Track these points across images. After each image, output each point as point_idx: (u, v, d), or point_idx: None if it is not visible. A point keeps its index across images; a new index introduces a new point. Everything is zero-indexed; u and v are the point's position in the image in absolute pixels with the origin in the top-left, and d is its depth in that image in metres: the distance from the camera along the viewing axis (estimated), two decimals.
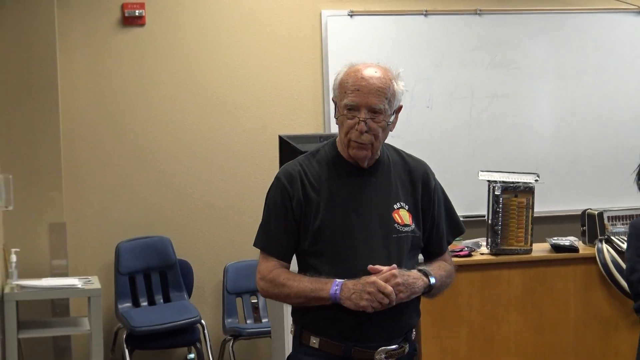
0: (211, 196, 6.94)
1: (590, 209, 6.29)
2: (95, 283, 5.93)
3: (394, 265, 3.09)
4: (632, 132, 7.71)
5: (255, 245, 3.29)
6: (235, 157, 6.91)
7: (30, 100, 6.39)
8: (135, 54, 6.96)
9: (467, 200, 7.32)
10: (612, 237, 5.99)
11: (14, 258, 5.95)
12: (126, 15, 6.91)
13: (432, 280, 3.19)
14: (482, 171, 6.16)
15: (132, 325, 6.24)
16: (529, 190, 5.94)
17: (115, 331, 6.71)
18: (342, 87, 3.16)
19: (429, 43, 7.41)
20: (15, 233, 6.30)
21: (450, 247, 5.90)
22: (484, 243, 6.17)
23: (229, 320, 6.65)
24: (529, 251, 5.98)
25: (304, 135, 5.38)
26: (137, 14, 6.92)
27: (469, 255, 5.98)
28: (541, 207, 6.63)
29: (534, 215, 6.00)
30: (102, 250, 6.83)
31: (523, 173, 6.11)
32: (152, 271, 6.78)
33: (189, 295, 6.83)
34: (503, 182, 5.95)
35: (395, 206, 3.23)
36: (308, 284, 3.12)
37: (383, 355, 3.17)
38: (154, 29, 6.99)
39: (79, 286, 5.81)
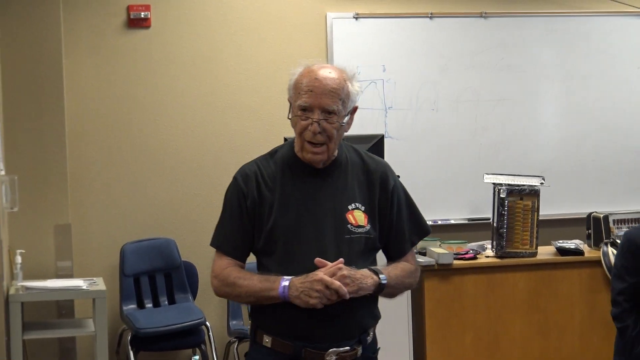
0: (216, 198, 6.91)
1: (596, 212, 6.29)
2: (100, 284, 5.93)
3: (341, 260, 3.08)
4: (638, 135, 7.70)
5: (210, 244, 3.31)
6: (241, 159, 6.80)
7: (36, 102, 6.40)
8: (140, 56, 6.96)
9: (473, 203, 7.32)
10: (618, 240, 5.97)
11: (19, 259, 5.95)
12: (132, 17, 6.91)
13: (383, 278, 3.16)
14: (488, 174, 6.17)
15: (137, 326, 6.23)
16: (534, 193, 5.95)
17: (120, 333, 6.70)
18: (296, 88, 3.17)
19: (435, 46, 7.41)
20: (20, 234, 6.30)
21: (455, 250, 5.98)
22: (489, 246, 6.17)
23: (234, 322, 6.64)
24: (535, 254, 5.99)
25: None
26: (142, 16, 6.92)
27: (474, 258, 5.99)
28: (546, 210, 6.64)
29: (540, 218, 6.00)
30: (107, 252, 6.83)
31: (528, 176, 6.12)
32: (157, 273, 6.77)
33: (194, 297, 6.83)
34: (508, 185, 5.96)
35: (350, 207, 3.22)
36: (257, 283, 3.13)
37: (334, 357, 3.15)
38: (160, 31, 6.99)
39: (84, 287, 5.81)
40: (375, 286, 3.16)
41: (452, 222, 7.39)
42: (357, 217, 3.22)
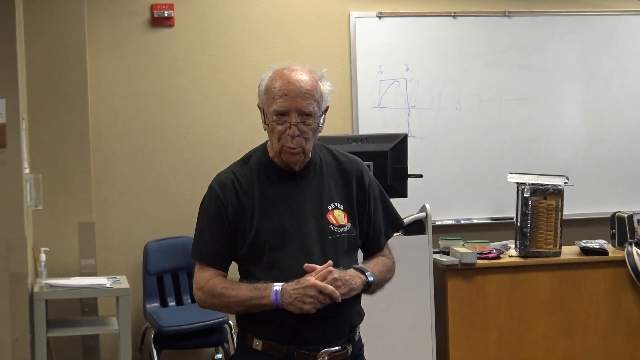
0: None
1: (620, 211, 6.27)
2: (123, 283, 5.95)
3: (330, 262, 3.07)
4: None
5: (191, 255, 3.29)
6: None
7: (60, 101, 6.43)
8: (164, 55, 6.98)
9: (496, 202, 7.30)
10: None
11: (43, 257, 5.98)
12: (155, 16, 6.93)
13: (370, 278, 3.17)
14: (511, 173, 6.15)
15: (160, 325, 6.25)
16: (558, 192, 5.93)
17: (143, 331, 6.72)
18: (268, 93, 3.14)
19: (458, 45, 7.40)
20: (44, 232, 6.33)
21: (479, 249, 5.97)
22: (513, 245, 6.16)
23: None
24: (558, 254, 5.97)
25: (333, 137, 5.37)
26: (166, 14, 6.94)
27: (498, 257, 5.98)
28: (570, 210, 6.62)
29: (563, 217, 5.98)
30: (130, 250, 6.85)
31: (552, 175, 6.10)
32: (180, 271, 6.79)
33: None
34: (532, 184, 5.94)
35: (329, 207, 3.21)
36: (247, 292, 3.10)
37: (326, 357, 3.15)
38: (183, 29, 7.01)
39: (108, 286, 5.83)
40: (364, 285, 3.16)
41: (475, 221, 7.37)
42: (338, 216, 3.21)
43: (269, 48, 7.11)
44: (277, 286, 3.06)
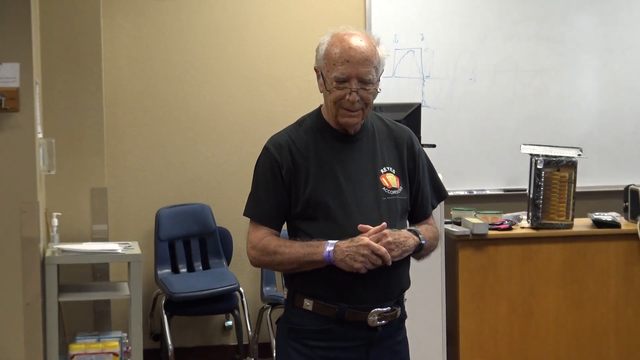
0: (252, 165, 6.89)
1: (634, 184, 6.26)
2: (135, 248, 5.96)
3: (384, 224, 3.10)
4: None
5: (244, 214, 3.31)
6: (277, 128, 6.84)
7: (74, 66, 6.41)
8: (179, 22, 6.95)
9: (509, 174, 7.29)
10: None
11: (55, 222, 5.98)
12: None
13: (422, 240, 3.22)
14: (525, 144, 6.13)
15: (171, 291, 6.27)
16: (571, 164, 5.91)
17: (154, 297, 6.75)
18: (328, 58, 3.17)
19: (474, 15, 7.35)
20: (57, 197, 6.34)
21: (490, 220, 5.96)
22: (525, 217, 6.15)
23: (267, 288, 6.67)
24: (570, 226, 5.96)
25: None
26: None
27: (510, 228, 5.97)
28: (583, 182, 6.60)
29: (576, 190, 5.96)
30: (142, 216, 6.86)
31: (566, 147, 6.08)
32: (191, 238, 6.80)
33: (228, 262, 6.85)
34: (545, 155, 5.92)
35: (382, 170, 3.25)
36: (300, 249, 3.13)
37: (376, 317, 3.17)
38: None
39: (119, 251, 5.84)
40: (416, 247, 3.21)
41: (488, 192, 7.36)
42: (390, 180, 3.25)
43: (282, 16, 7.08)
44: (331, 243, 3.10)
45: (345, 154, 3.23)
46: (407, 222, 3.38)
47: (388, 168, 3.26)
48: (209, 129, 7.00)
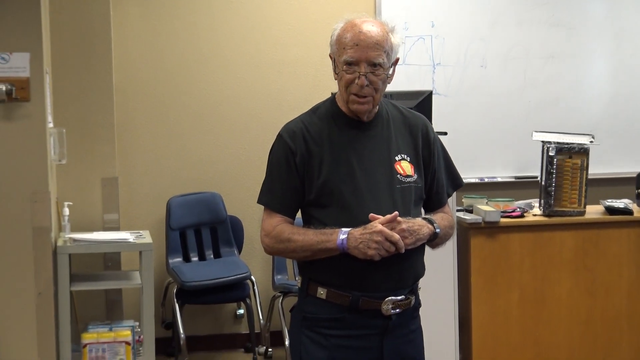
0: (263, 154, 6.89)
1: None
2: (146, 237, 5.95)
3: (396, 213, 3.09)
4: None
5: (259, 202, 3.31)
6: (288, 115, 6.84)
7: (84, 55, 6.41)
8: (189, 9, 6.94)
9: (521, 161, 7.27)
10: None
11: (66, 211, 5.99)
12: None
13: (437, 227, 3.21)
14: (537, 131, 6.10)
15: (183, 280, 6.27)
16: (583, 151, 5.88)
17: (165, 285, 6.75)
18: (339, 43, 3.18)
19: (485, 1, 7.32)
20: (68, 186, 6.34)
21: (502, 207, 5.94)
22: (537, 204, 6.12)
23: (279, 276, 6.66)
24: (582, 213, 5.94)
25: None
26: None
27: (522, 216, 5.95)
28: (596, 169, 6.58)
29: (589, 177, 5.94)
30: (153, 205, 6.87)
31: (578, 134, 6.05)
32: (202, 227, 6.80)
33: (239, 251, 6.85)
34: (557, 142, 5.90)
35: (396, 158, 3.26)
36: (314, 237, 3.13)
37: (390, 305, 3.18)
38: None
39: (131, 240, 5.84)
40: (430, 235, 3.20)
41: (499, 179, 7.34)
42: (405, 167, 3.25)
43: (292, 4, 7.07)
44: (344, 231, 3.09)
45: (359, 141, 3.23)
46: (422, 210, 3.37)
47: (402, 155, 3.26)
48: (220, 117, 6.99)
